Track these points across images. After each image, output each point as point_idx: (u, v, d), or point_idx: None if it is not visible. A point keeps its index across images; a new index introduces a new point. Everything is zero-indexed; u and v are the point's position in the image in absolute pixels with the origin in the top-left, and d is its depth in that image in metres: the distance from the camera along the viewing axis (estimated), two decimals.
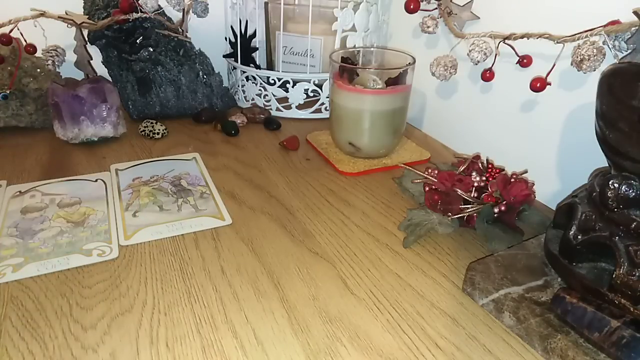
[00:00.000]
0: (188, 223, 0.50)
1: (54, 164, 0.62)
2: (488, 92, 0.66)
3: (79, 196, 0.54)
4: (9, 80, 0.67)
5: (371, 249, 0.48)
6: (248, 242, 0.48)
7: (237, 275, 0.43)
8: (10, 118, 0.68)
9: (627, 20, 0.46)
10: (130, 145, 0.68)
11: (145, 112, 0.74)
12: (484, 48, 0.57)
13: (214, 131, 0.73)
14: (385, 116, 0.62)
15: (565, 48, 0.51)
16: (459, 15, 0.64)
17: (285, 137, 0.70)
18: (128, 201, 0.54)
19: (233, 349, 0.36)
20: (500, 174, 0.50)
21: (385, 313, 0.40)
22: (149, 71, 0.73)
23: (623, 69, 0.35)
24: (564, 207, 0.41)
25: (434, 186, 0.51)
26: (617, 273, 0.34)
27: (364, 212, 0.54)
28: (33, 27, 0.63)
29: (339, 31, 0.74)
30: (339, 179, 0.61)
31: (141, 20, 0.71)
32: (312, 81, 0.77)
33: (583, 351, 0.34)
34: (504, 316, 0.38)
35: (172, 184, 0.57)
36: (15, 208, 0.52)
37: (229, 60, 0.83)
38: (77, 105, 0.64)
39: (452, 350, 0.36)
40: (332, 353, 0.36)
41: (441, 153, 0.69)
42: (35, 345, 0.35)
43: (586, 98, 0.52)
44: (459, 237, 0.50)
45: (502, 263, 0.42)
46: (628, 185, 0.34)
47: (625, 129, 0.34)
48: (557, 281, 0.40)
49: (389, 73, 0.64)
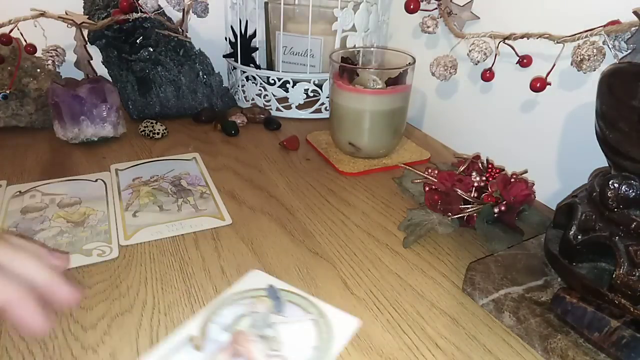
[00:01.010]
0: (188, 223, 0.50)
1: (54, 164, 0.62)
2: (488, 92, 0.66)
3: (79, 196, 0.54)
4: (9, 80, 0.67)
5: (371, 249, 0.48)
6: (248, 242, 0.48)
7: (237, 276, 0.43)
8: (10, 118, 0.68)
9: (627, 20, 0.46)
10: (130, 145, 0.68)
11: (145, 112, 0.74)
12: (484, 48, 0.57)
13: (214, 131, 0.73)
14: (385, 116, 0.62)
15: (565, 48, 0.51)
16: (459, 15, 0.64)
17: (285, 137, 0.70)
18: (128, 201, 0.54)
19: None
20: (500, 174, 0.50)
21: (385, 313, 0.40)
22: (149, 71, 0.73)
23: (623, 69, 0.35)
24: (564, 207, 0.41)
25: (434, 186, 0.51)
26: (617, 273, 0.34)
27: (364, 212, 0.54)
28: (33, 27, 0.63)
29: (339, 31, 0.74)
30: (339, 179, 0.61)
31: (141, 20, 0.71)
32: (312, 81, 0.77)
33: (583, 351, 0.34)
34: (504, 316, 0.38)
35: (172, 184, 0.57)
36: (15, 208, 0.52)
37: (229, 60, 0.83)
38: (77, 105, 0.64)
39: (452, 350, 0.36)
40: None
41: (441, 153, 0.69)
42: (35, 345, 0.35)
43: (586, 98, 0.52)
44: (459, 237, 0.50)
45: (502, 263, 0.42)
46: (628, 185, 0.34)
47: (625, 129, 0.34)
48: (557, 281, 0.40)
49: (389, 73, 0.64)
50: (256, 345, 0.34)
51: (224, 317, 0.37)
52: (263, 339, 0.35)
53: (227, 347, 0.34)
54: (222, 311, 0.37)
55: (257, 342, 0.34)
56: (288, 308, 0.38)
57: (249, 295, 0.39)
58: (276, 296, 0.39)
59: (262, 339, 0.35)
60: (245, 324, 0.36)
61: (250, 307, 0.38)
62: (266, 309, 0.37)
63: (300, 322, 0.37)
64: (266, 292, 0.39)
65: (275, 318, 0.37)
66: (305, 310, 0.38)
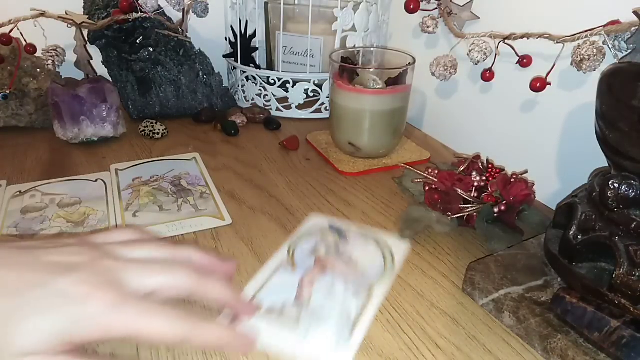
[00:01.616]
0: (188, 223, 0.50)
1: (54, 164, 0.62)
2: (488, 92, 0.66)
3: (79, 196, 0.54)
4: (9, 80, 0.67)
5: None
6: (248, 242, 0.48)
7: (237, 276, 0.43)
8: (10, 118, 0.68)
9: (627, 20, 0.46)
10: (130, 145, 0.68)
11: (145, 112, 0.75)
12: (484, 48, 0.57)
13: (214, 131, 0.73)
14: (385, 116, 0.62)
15: (565, 48, 0.51)
16: (459, 15, 0.64)
17: (285, 137, 0.70)
18: (128, 201, 0.54)
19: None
20: (500, 174, 0.50)
21: (385, 313, 0.40)
22: (149, 71, 0.73)
23: (623, 69, 0.35)
24: (564, 207, 0.41)
25: (434, 186, 0.51)
26: (617, 273, 0.34)
27: (364, 212, 0.54)
28: (33, 27, 0.63)
29: (339, 31, 0.74)
30: (339, 179, 0.61)
31: (141, 20, 0.71)
32: (312, 81, 0.77)
33: (583, 351, 0.34)
34: (504, 316, 0.38)
35: (172, 184, 0.57)
36: (15, 208, 0.52)
37: (229, 60, 0.83)
38: (77, 105, 0.64)
39: (452, 350, 0.36)
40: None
41: (441, 153, 0.69)
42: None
43: (586, 98, 0.52)
44: (459, 237, 0.50)
45: (502, 263, 0.42)
46: (628, 185, 0.34)
47: (625, 129, 0.34)
48: (557, 281, 0.40)
49: (389, 73, 0.64)
50: (337, 261, 0.42)
51: (302, 249, 0.45)
52: (340, 259, 0.42)
53: (314, 267, 0.41)
54: (299, 246, 0.46)
55: (337, 260, 0.42)
56: (351, 237, 0.46)
57: (316, 232, 0.47)
58: (339, 229, 0.47)
59: (339, 259, 0.42)
60: (322, 252, 0.43)
61: (320, 240, 0.45)
62: (334, 240, 0.45)
63: (365, 245, 0.46)
64: (329, 227, 0.47)
65: (343, 245, 0.45)
66: (365, 237, 0.47)
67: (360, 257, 0.43)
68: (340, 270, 0.41)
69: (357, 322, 0.37)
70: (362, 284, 0.40)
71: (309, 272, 0.41)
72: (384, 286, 0.41)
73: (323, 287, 0.39)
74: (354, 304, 0.38)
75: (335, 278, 0.40)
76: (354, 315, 0.37)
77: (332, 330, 0.35)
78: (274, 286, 0.41)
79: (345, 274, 0.40)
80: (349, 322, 0.36)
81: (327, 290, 0.39)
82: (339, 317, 0.36)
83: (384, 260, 0.44)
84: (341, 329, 0.36)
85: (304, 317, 0.36)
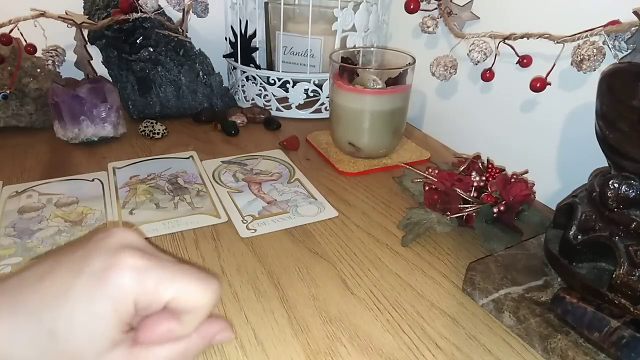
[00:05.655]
0: (184, 220, 0.50)
1: (54, 164, 0.62)
2: (488, 92, 0.66)
3: (76, 195, 0.54)
4: (9, 80, 0.67)
5: (371, 248, 0.48)
6: (248, 242, 0.48)
7: (237, 275, 0.43)
8: (10, 118, 0.68)
9: (627, 20, 0.46)
10: (130, 145, 0.67)
11: (145, 112, 0.74)
12: (484, 48, 0.57)
13: (214, 131, 0.73)
14: (385, 116, 0.62)
15: (565, 48, 0.51)
16: (459, 15, 0.64)
17: (285, 137, 0.70)
18: (125, 199, 0.54)
19: (233, 349, 0.36)
20: (500, 174, 0.50)
21: (385, 313, 0.40)
22: (149, 71, 0.73)
23: (623, 69, 0.35)
24: (564, 207, 0.41)
25: (433, 185, 0.51)
26: (617, 273, 0.34)
27: (364, 212, 0.54)
28: (33, 27, 0.62)
29: (339, 31, 0.74)
30: (339, 179, 0.61)
31: (141, 20, 0.71)
32: (312, 81, 0.77)
33: (583, 351, 0.34)
34: (504, 316, 0.38)
35: (169, 182, 0.57)
36: (13, 208, 0.51)
37: (229, 60, 0.83)
38: (77, 105, 0.64)
39: (452, 350, 0.36)
40: (332, 353, 0.36)
41: (441, 153, 0.69)
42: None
43: (586, 98, 0.52)
44: (459, 237, 0.50)
45: (502, 263, 0.42)
46: (628, 185, 0.34)
47: (625, 129, 0.34)
48: (557, 281, 0.40)
49: (389, 73, 0.64)
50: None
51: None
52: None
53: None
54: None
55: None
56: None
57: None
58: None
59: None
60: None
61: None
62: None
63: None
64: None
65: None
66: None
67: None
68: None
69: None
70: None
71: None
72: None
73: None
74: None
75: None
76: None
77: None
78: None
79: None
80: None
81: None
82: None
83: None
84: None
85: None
